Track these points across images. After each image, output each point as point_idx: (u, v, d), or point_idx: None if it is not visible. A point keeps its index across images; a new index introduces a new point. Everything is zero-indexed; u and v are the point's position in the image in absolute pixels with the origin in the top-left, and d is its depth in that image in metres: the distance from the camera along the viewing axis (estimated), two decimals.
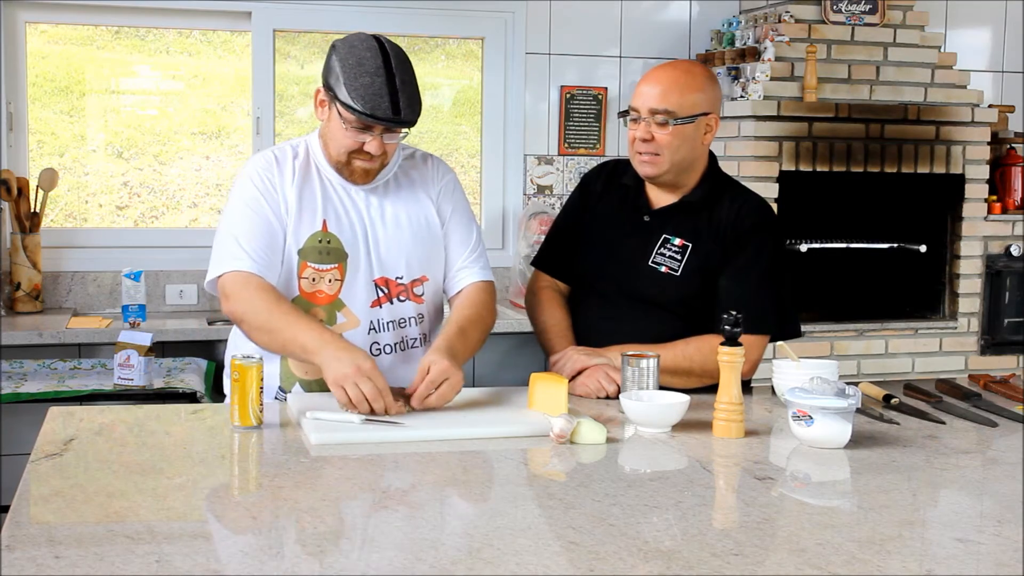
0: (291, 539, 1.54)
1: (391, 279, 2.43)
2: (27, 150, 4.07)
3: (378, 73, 2.27)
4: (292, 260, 2.38)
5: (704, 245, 2.54)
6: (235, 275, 2.32)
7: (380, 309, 2.42)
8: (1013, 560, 1.49)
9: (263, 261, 2.33)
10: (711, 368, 2.28)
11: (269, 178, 2.39)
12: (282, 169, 2.40)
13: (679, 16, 4.54)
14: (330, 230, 2.39)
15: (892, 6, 4.29)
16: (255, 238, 2.34)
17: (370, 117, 2.26)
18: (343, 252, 2.39)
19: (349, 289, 2.40)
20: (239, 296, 2.31)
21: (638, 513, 1.65)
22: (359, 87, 2.26)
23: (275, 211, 2.37)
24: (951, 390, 2.56)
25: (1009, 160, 4.57)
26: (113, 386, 3.32)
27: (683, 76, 2.50)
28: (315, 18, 4.24)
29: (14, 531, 1.52)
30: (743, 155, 4.09)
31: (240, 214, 2.37)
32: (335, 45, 2.34)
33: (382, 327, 2.42)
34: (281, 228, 2.37)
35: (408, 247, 2.44)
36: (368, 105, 2.25)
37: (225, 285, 2.33)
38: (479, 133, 4.48)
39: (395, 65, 2.29)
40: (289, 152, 2.44)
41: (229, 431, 2.10)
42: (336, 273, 2.39)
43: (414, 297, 2.46)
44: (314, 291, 2.39)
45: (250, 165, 2.43)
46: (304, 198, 2.39)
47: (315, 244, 2.38)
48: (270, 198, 2.37)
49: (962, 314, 4.40)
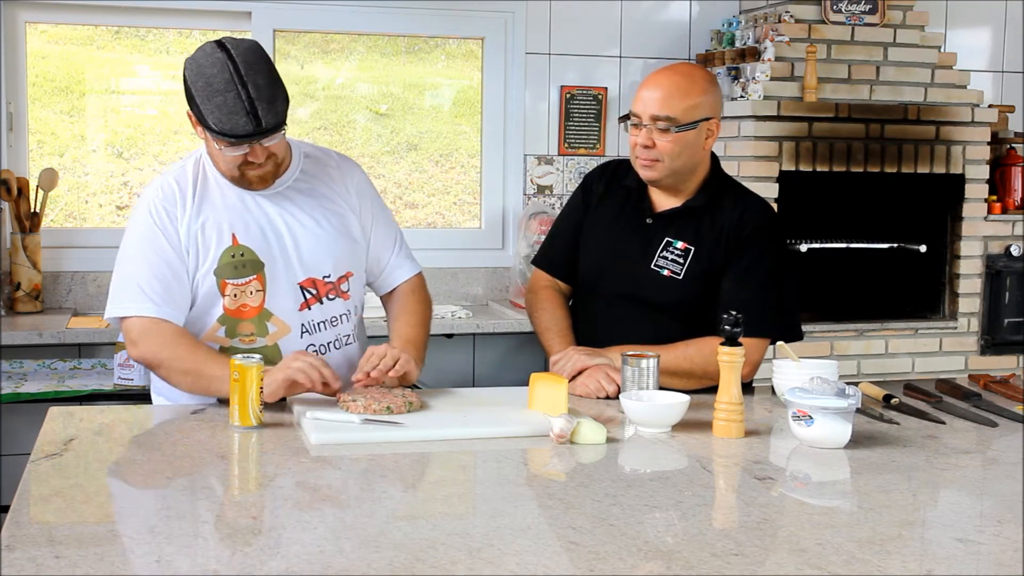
0: (291, 539, 1.54)
1: (318, 279, 2.41)
2: (27, 150, 4.07)
3: (228, 88, 2.17)
4: (209, 282, 2.34)
5: (706, 248, 2.53)
6: (140, 321, 2.29)
7: (310, 311, 2.41)
8: (1013, 560, 1.49)
9: (164, 301, 2.30)
10: (711, 370, 2.28)
11: (168, 209, 2.33)
12: (183, 196, 2.35)
13: (679, 16, 4.54)
14: (241, 242, 2.35)
15: (892, 6, 4.29)
16: (154, 279, 2.30)
17: (231, 137, 2.20)
18: (259, 262, 2.36)
19: (273, 297, 2.37)
20: (148, 343, 2.28)
21: (638, 513, 1.65)
22: (213, 108, 2.18)
23: (175, 247, 2.32)
24: (951, 390, 2.56)
25: (1009, 160, 4.57)
26: (113, 386, 3.33)
27: (684, 81, 2.49)
28: (315, 18, 4.24)
29: (14, 531, 1.52)
30: (743, 155, 4.09)
31: (138, 252, 2.33)
32: (185, 66, 2.25)
33: (315, 328, 2.41)
34: (183, 263, 2.32)
35: (331, 245, 2.43)
36: (227, 125, 2.18)
37: (131, 331, 2.31)
38: (479, 133, 4.48)
39: (244, 72, 2.18)
40: (189, 174, 2.37)
41: (229, 431, 2.10)
42: (256, 284, 2.36)
43: (342, 294, 2.46)
44: (238, 306, 2.36)
45: (149, 194, 2.37)
46: (208, 219, 2.34)
47: (229, 260, 2.34)
48: (169, 234, 2.32)
49: (962, 314, 4.40)
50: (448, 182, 4.54)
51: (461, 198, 4.55)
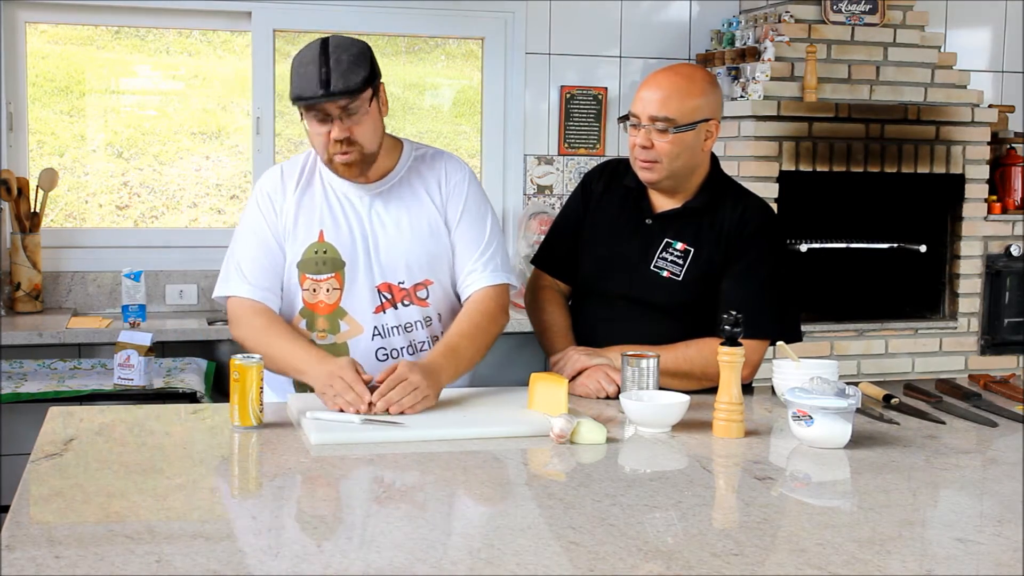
0: (291, 539, 1.54)
1: (393, 284, 2.43)
2: (27, 150, 4.07)
3: (313, 62, 2.27)
4: (293, 273, 2.42)
5: (706, 250, 2.53)
6: (238, 301, 2.42)
7: (384, 315, 2.42)
8: (1013, 560, 1.49)
9: (262, 286, 2.40)
10: (711, 371, 2.28)
11: (272, 198, 2.44)
12: (285, 184, 2.45)
13: (679, 16, 4.54)
14: (327, 239, 2.41)
15: (892, 6, 4.29)
16: (255, 263, 2.41)
17: (302, 99, 2.28)
18: (340, 261, 2.40)
19: (349, 297, 2.41)
20: (240, 323, 2.41)
21: (638, 513, 1.65)
22: (295, 79, 2.29)
23: (275, 234, 2.43)
24: (951, 390, 2.56)
25: (1009, 160, 4.57)
26: (113, 386, 3.32)
27: (683, 82, 2.48)
28: (315, 18, 4.24)
29: (14, 531, 1.52)
30: (743, 155, 4.09)
31: (244, 237, 2.46)
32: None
33: (388, 332, 2.43)
34: (280, 249, 2.43)
35: (408, 251, 2.43)
36: (300, 87, 2.27)
37: (232, 311, 2.44)
38: (479, 133, 4.48)
39: (331, 48, 2.28)
40: (298, 165, 2.48)
41: (229, 431, 2.10)
42: (334, 282, 2.41)
43: (418, 301, 2.45)
44: (316, 302, 2.42)
45: (260, 183, 2.51)
46: (302, 211, 2.42)
47: (312, 256, 2.41)
48: (271, 221, 2.43)
49: (962, 314, 4.40)
50: None
51: None
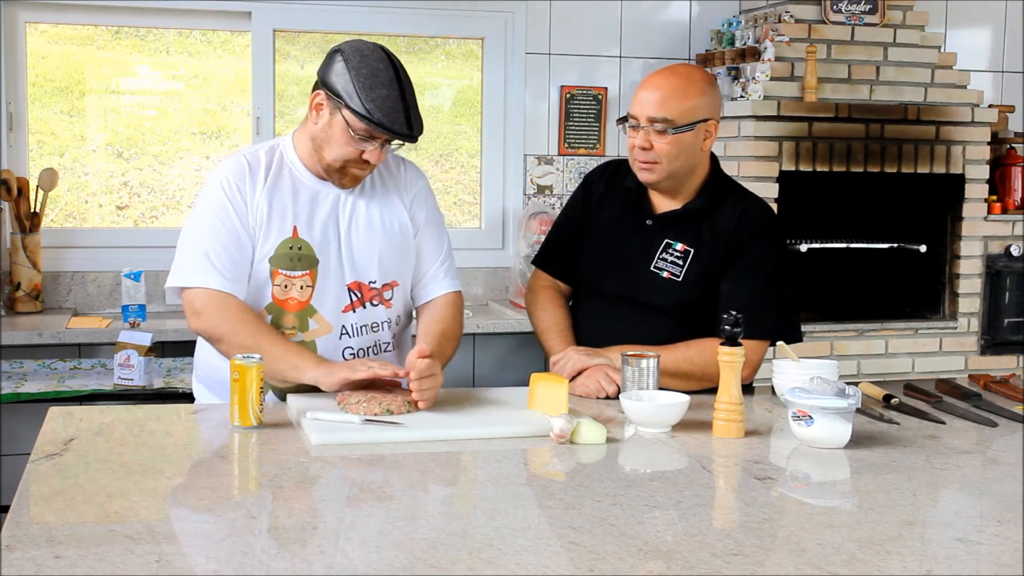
0: (291, 539, 1.54)
1: (364, 283, 2.43)
2: (27, 150, 4.07)
3: (392, 86, 2.27)
4: (263, 267, 2.37)
5: (706, 250, 2.53)
6: (205, 292, 2.32)
7: (352, 314, 2.42)
8: (1013, 560, 1.49)
9: (232, 277, 2.33)
10: (711, 372, 2.28)
11: (239, 186, 2.36)
12: (254, 176, 2.38)
13: (679, 16, 4.54)
14: (301, 236, 2.38)
15: (892, 6, 4.29)
16: (224, 252, 2.33)
17: (387, 130, 2.27)
18: (314, 258, 2.38)
19: (320, 295, 2.39)
20: (214, 316, 2.31)
21: (638, 513, 1.65)
22: (376, 99, 2.26)
23: (243, 222, 2.35)
24: (951, 390, 2.56)
25: (1009, 160, 4.57)
26: (113, 386, 3.32)
27: (682, 82, 2.48)
28: (315, 18, 4.24)
29: (14, 531, 1.52)
30: (743, 155, 4.09)
31: (209, 224, 2.35)
32: (343, 50, 2.33)
33: (354, 332, 2.42)
34: (250, 240, 2.36)
35: (381, 250, 2.44)
36: (387, 118, 2.26)
37: (194, 301, 2.33)
38: (479, 133, 4.48)
39: (403, 80, 2.32)
40: (262, 157, 2.41)
41: (229, 431, 2.10)
42: (307, 279, 2.38)
43: (385, 302, 2.46)
44: (286, 298, 2.38)
45: (221, 170, 2.40)
46: (275, 205, 2.37)
47: (286, 251, 2.37)
48: (239, 208, 2.35)
49: (962, 314, 4.40)
50: (448, 182, 4.54)
51: (461, 198, 4.55)
